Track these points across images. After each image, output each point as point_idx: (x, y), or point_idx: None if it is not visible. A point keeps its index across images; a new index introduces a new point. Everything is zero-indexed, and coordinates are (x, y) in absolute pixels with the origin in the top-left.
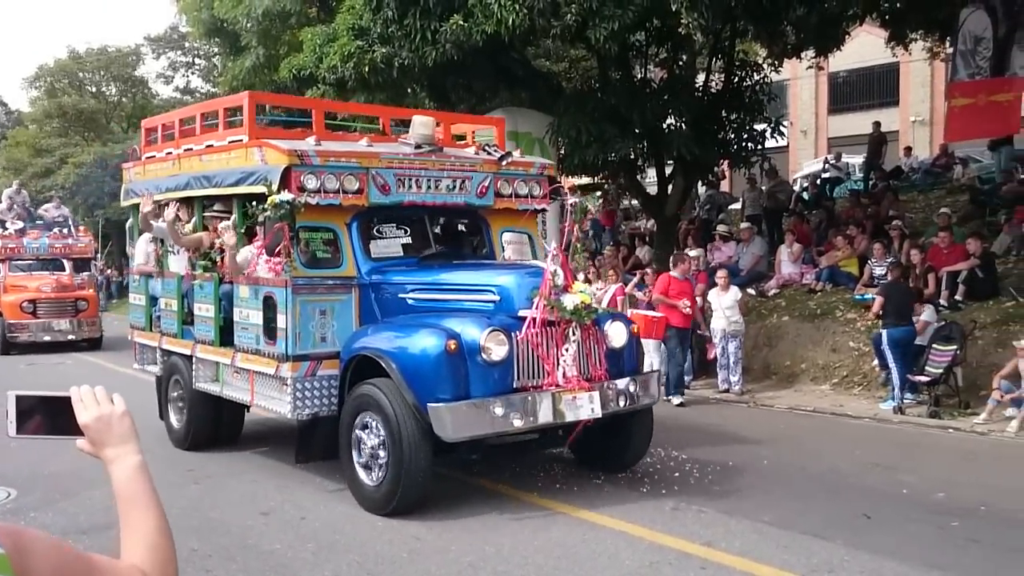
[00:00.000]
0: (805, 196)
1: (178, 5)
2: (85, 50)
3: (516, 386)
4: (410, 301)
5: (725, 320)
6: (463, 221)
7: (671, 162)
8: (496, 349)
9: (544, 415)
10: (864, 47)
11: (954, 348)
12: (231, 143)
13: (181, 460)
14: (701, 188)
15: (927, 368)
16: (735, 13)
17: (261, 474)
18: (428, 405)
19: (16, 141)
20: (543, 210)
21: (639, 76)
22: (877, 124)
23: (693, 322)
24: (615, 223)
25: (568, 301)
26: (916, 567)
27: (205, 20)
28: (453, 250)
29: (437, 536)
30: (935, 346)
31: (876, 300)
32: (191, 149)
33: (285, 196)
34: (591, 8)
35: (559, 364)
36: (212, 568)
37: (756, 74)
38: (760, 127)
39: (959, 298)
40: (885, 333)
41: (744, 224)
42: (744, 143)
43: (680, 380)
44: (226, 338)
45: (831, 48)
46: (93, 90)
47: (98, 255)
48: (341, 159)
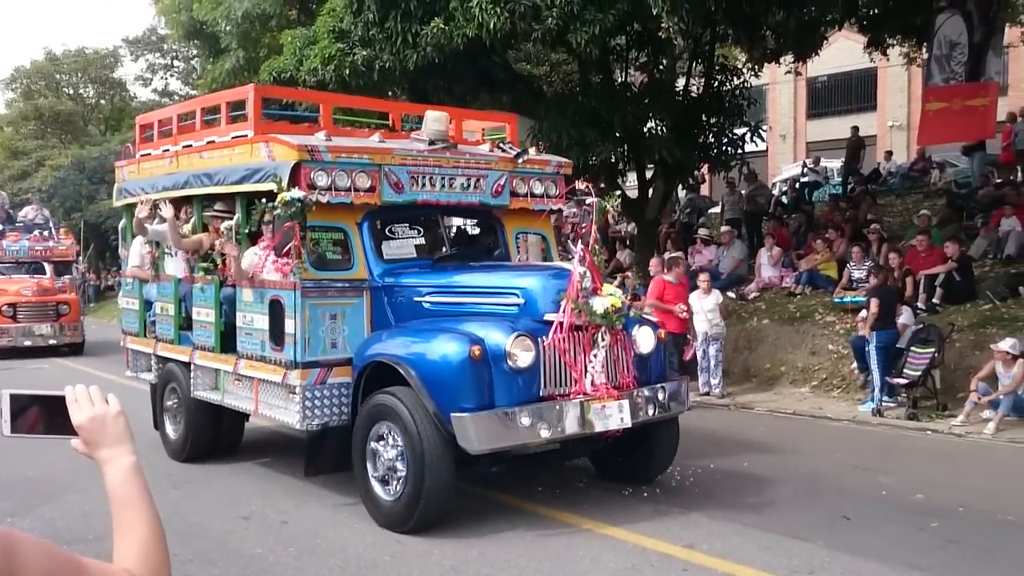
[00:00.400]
0: (784, 200)
1: (157, 7)
2: (62, 52)
3: (542, 394)
4: (426, 305)
5: (706, 323)
6: (477, 221)
7: (651, 166)
8: (522, 355)
9: (572, 425)
10: (842, 52)
11: (932, 351)
12: (235, 139)
13: (160, 464)
14: (681, 192)
15: (905, 371)
16: (715, 18)
17: (242, 478)
18: (451, 415)
19: None
20: (559, 211)
21: (620, 80)
22: (855, 129)
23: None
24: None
25: (598, 304)
26: (896, 568)
27: (184, 22)
28: (468, 252)
29: (419, 540)
30: (913, 349)
31: (872, 303)
32: (190, 146)
33: (296, 193)
34: (572, 12)
35: (587, 371)
36: (193, 573)
37: (736, 78)
38: (740, 131)
39: (936, 301)
40: (875, 336)
41: (724, 228)
42: (724, 147)
43: None
44: (227, 344)
45: (810, 53)
46: (70, 92)
47: (79, 258)
48: (353, 155)
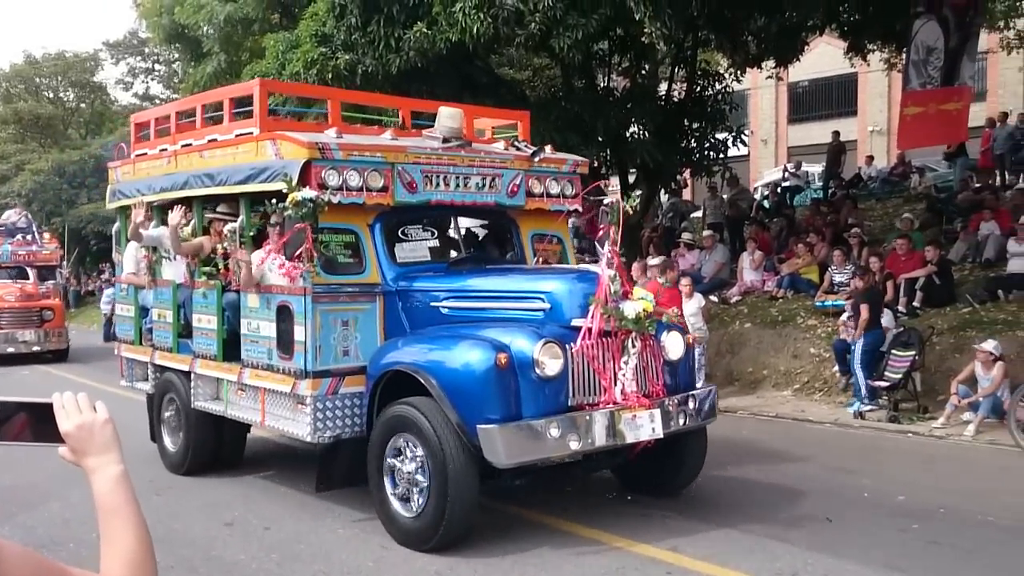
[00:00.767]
0: (766, 204)
1: (138, 11)
2: (42, 55)
3: (570, 404)
4: (444, 310)
5: (689, 327)
6: (491, 222)
7: (634, 170)
8: (550, 363)
9: (601, 436)
10: (823, 58)
11: (912, 354)
12: (239, 137)
13: (142, 470)
14: (664, 196)
15: (886, 373)
16: (697, 23)
17: (224, 484)
18: (477, 427)
19: None
20: (576, 211)
21: (602, 85)
22: (836, 133)
23: None
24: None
25: (629, 309)
26: (877, 569)
27: (165, 26)
28: (484, 254)
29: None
30: (894, 352)
31: (863, 309)
32: (190, 145)
33: (308, 193)
34: (555, 17)
35: (616, 379)
36: None
37: (718, 83)
38: (721, 136)
39: (917, 305)
40: (862, 339)
41: (706, 232)
42: (706, 152)
43: None
44: (229, 352)
45: (791, 58)
46: (50, 96)
47: (63, 263)
48: (365, 153)
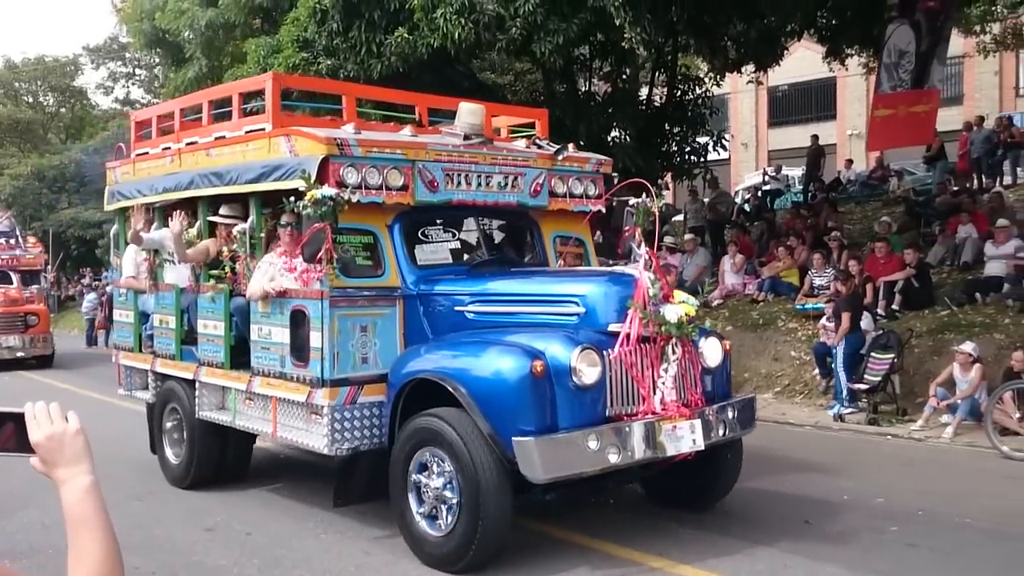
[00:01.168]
0: (746, 208)
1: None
2: (21, 60)
3: (608, 414)
4: (469, 315)
5: None
6: (511, 223)
7: (615, 174)
8: (588, 371)
9: (641, 448)
10: (802, 62)
11: (891, 356)
12: (249, 133)
13: (122, 475)
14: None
15: (866, 376)
16: (677, 28)
17: (204, 489)
18: (513, 439)
19: None
20: (599, 212)
21: (583, 89)
22: (815, 137)
23: None
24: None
25: (671, 313)
26: (856, 571)
27: (146, 31)
28: (507, 256)
29: (385, 549)
30: (873, 354)
31: (845, 318)
32: (195, 143)
33: (328, 191)
34: (536, 22)
35: (655, 388)
36: None
37: (698, 88)
38: (702, 140)
39: (896, 307)
40: (845, 342)
41: (688, 236)
42: (687, 156)
43: None
44: (235, 359)
45: (770, 63)
46: (30, 100)
47: (48, 267)
48: (385, 150)
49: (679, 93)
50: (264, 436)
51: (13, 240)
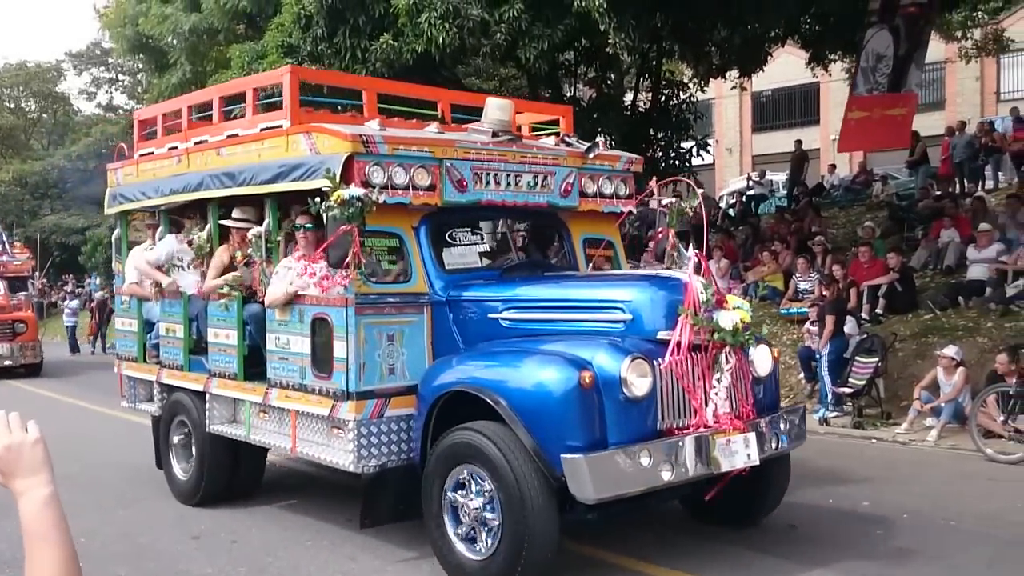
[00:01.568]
0: (731, 213)
1: (101, 21)
2: (2, 65)
3: (659, 428)
4: (504, 322)
5: None
6: (537, 225)
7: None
8: (639, 382)
9: (695, 464)
10: (786, 68)
11: (876, 360)
12: (265, 131)
13: (106, 484)
14: None
15: (850, 380)
16: (661, 34)
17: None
18: (562, 456)
19: None
20: (630, 213)
21: (568, 95)
22: (799, 142)
23: None
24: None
25: (725, 319)
26: (843, 575)
27: (129, 36)
28: (538, 260)
29: (371, 556)
30: (858, 358)
31: (829, 321)
32: (204, 141)
33: (355, 191)
34: (520, 28)
35: (707, 399)
36: None
37: (682, 93)
38: (687, 145)
39: (880, 311)
40: (829, 346)
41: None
42: (672, 161)
43: None
44: (248, 370)
45: (754, 68)
46: (11, 106)
47: (35, 273)
48: (412, 147)
49: (664, 98)
50: (282, 452)
51: (0, 246)
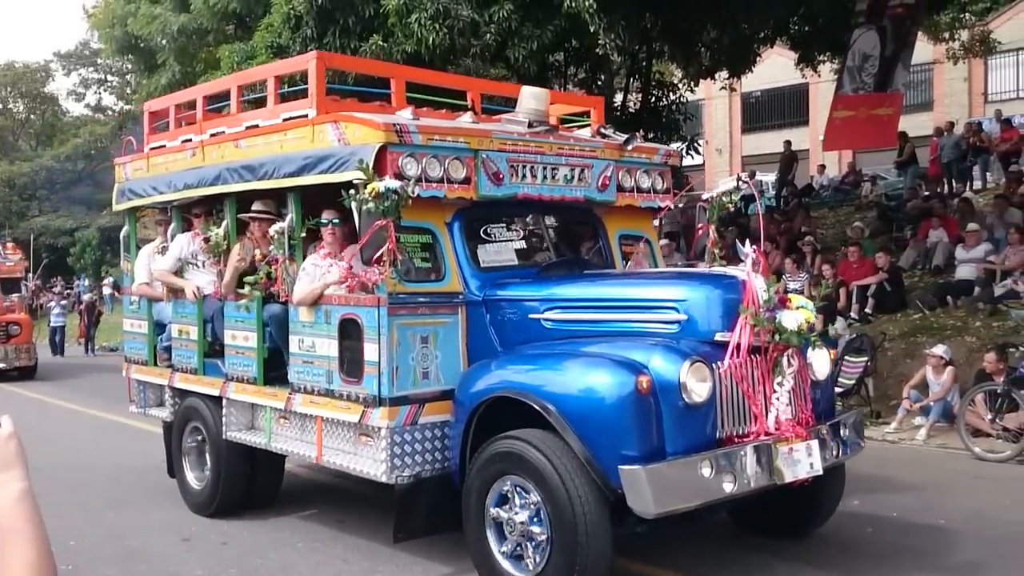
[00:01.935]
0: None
1: (90, 21)
2: None
3: (718, 437)
4: (546, 324)
5: None
6: (570, 220)
7: None
8: (698, 387)
9: (757, 475)
10: (775, 68)
11: (865, 360)
12: (288, 121)
13: (96, 486)
14: None
15: (840, 379)
16: (651, 35)
17: (180, 498)
18: (620, 468)
19: None
20: (668, 208)
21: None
22: (788, 143)
23: None
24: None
25: (789, 320)
26: (832, 573)
27: (118, 37)
28: (577, 258)
29: (362, 557)
30: (847, 358)
31: (818, 320)
32: (221, 133)
33: (392, 183)
34: (510, 28)
35: (768, 405)
36: None
37: (672, 94)
38: (676, 146)
39: (869, 311)
40: None
41: (663, 240)
42: None
43: None
44: (266, 374)
45: (744, 69)
46: None
47: (29, 275)
48: (447, 138)
49: (653, 99)
50: (307, 461)
51: None
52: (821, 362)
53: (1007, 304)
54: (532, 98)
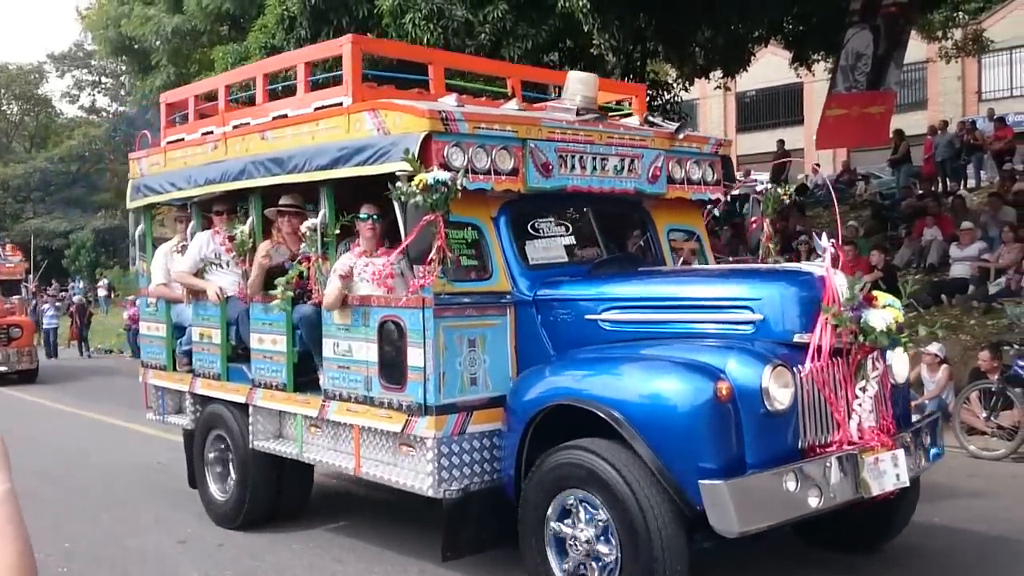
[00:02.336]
0: (716, 212)
1: (83, 23)
2: None
3: (800, 446)
4: (604, 325)
5: None
6: (622, 214)
7: None
8: (781, 393)
9: (842, 488)
10: (769, 68)
11: None
12: (320, 110)
13: (92, 488)
14: None
15: None
16: (645, 34)
17: (176, 500)
18: (700, 483)
19: None
20: (718, 201)
21: (553, 95)
22: (781, 142)
23: None
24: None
25: (877, 319)
26: (828, 572)
27: (112, 38)
28: (630, 255)
29: (357, 558)
30: None
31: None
32: (246, 124)
33: (442, 175)
34: (505, 28)
35: (850, 412)
36: None
37: (667, 93)
38: None
39: None
40: None
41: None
42: None
43: None
44: (296, 380)
45: (738, 69)
46: None
47: (29, 276)
48: (494, 126)
49: (648, 99)
50: (343, 472)
51: None
52: (900, 364)
53: (1001, 302)
54: (580, 83)
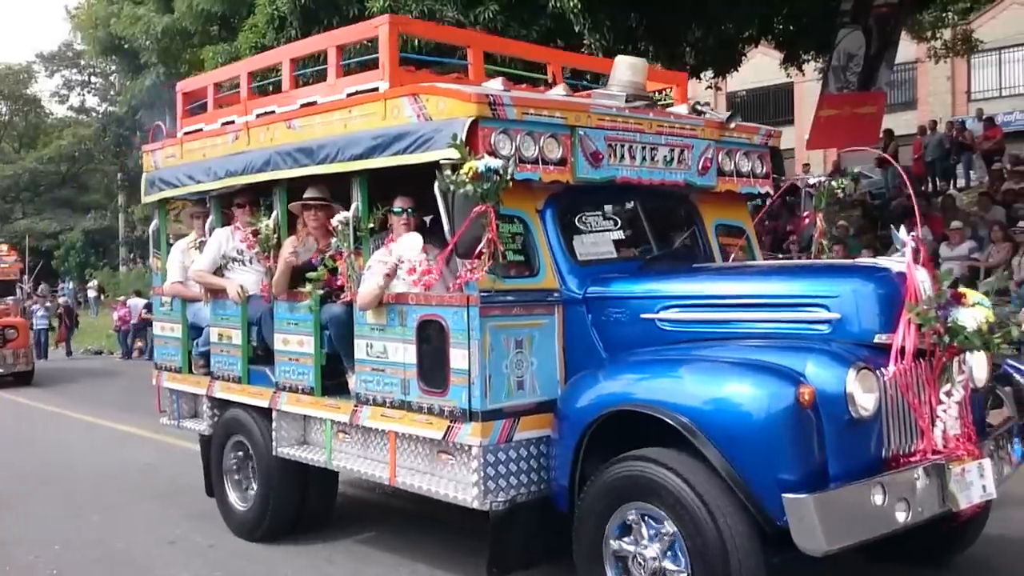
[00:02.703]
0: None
1: (73, 23)
2: None
3: (885, 456)
4: (663, 325)
5: None
6: (669, 207)
7: None
8: (866, 399)
9: (929, 501)
10: (760, 68)
11: None
12: (353, 96)
13: (81, 489)
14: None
15: None
16: (636, 35)
17: (165, 501)
18: (784, 497)
19: None
20: (767, 194)
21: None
22: None
23: None
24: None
25: (967, 318)
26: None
27: (101, 38)
28: (682, 251)
29: (348, 557)
30: None
31: None
32: (270, 112)
33: (493, 162)
34: (495, 29)
35: (936, 418)
36: None
37: (658, 93)
38: None
39: None
40: None
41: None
42: None
43: None
44: (323, 383)
45: (729, 69)
46: None
47: (25, 277)
48: (542, 112)
49: None
50: (377, 481)
51: None
52: (981, 367)
53: (991, 301)
54: (629, 69)
